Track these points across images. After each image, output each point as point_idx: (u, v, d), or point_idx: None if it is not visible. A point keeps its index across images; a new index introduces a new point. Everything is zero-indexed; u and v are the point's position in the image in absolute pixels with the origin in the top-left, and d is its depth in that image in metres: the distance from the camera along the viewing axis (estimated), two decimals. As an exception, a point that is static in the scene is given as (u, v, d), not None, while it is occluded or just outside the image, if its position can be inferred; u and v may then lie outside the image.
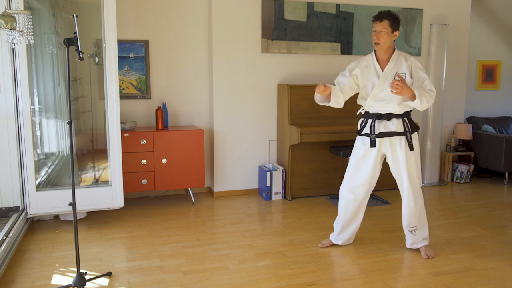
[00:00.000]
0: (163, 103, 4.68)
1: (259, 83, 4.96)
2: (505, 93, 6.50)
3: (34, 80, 4.03)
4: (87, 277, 2.84)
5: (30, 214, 3.74)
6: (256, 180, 5.07)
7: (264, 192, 4.83)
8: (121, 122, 4.35)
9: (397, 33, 3.20)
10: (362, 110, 3.36)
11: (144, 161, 4.39)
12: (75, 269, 2.86)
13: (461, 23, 5.71)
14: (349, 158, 3.41)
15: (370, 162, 3.28)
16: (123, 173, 4.06)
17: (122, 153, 4.02)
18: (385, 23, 3.14)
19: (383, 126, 3.23)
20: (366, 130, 3.28)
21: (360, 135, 3.33)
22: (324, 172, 4.99)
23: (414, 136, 3.25)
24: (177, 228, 3.93)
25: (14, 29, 2.64)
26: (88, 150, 4.52)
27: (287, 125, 4.76)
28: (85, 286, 2.78)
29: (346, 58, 5.19)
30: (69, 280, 2.88)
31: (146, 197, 4.86)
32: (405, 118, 3.22)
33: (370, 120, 3.26)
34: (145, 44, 4.66)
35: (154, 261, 3.23)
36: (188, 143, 4.51)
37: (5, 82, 3.64)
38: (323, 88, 3.17)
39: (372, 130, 3.23)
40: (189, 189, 4.72)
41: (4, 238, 3.21)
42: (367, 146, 3.27)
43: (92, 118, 4.51)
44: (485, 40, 6.29)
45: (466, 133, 5.69)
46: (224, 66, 4.81)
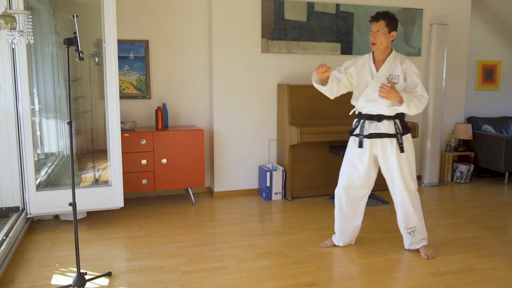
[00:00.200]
0: (163, 103, 4.68)
1: (259, 83, 4.96)
2: (505, 93, 6.50)
3: (34, 80, 4.03)
4: (87, 277, 2.84)
5: (30, 214, 3.75)
6: (256, 180, 5.07)
7: (264, 192, 4.83)
8: (121, 122, 4.35)
9: (394, 34, 3.19)
10: (356, 111, 3.36)
11: (144, 161, 4.39)
12: (75, 269, 2.86)
13: (461, 23, 5.71)
14: (343, 158, 3.40)
15: (364, 163, 3.27)
16: (123, 173, 4.06)
17: (122, 153, 4.02)
18: (382, 23, 3.13)
19: (374, 127, 3.22)
20: (357, 131, 3.28)
21: (352, 136, 3.34)
22: (324, 172, 4.99)
23: (407, 138, 3.23)
24: (177, 228, 3.93)
25: (14, 29, 2.64)
26: (88, 150, 4.52)
27: (287, 125, 4.76)
28: (85, 286, 2.78)
29: (346, 58, 5.14)
30: (69, 280, 2.88)
31: (146, 197, 4.86)
32: (397, 120, 3.19)
33: (362, 121, 3.27)
34: (145, 44, 4.66)
35: (154, 261, 3.23)
36: (188, 143, 4.51)
37: (5, 82, 3.64)
38: (325, 68, 3.11)
39: (361, 131, 3.24)
40: (189, 189, 4.72)
41: (4, 238, 3.21)
42: (358, 147, 3.27)
43: (92, 118, 4.52)
44: (485, 40, 6.29)
45: (466, 133, 5.69)
46: (224, 66, 4.81)
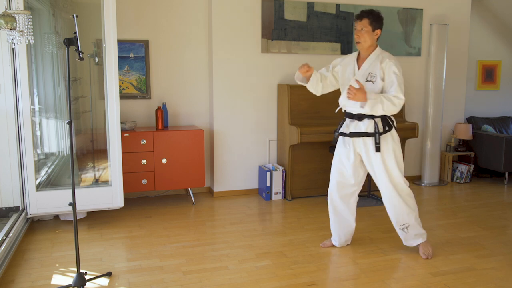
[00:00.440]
0: (163, 103, 4.68)
1: (259, 83, 4.96)
2: (505, 93, 6.50)
3: (34, 80, 4.03)
4: (87, 277, 2.84)
5: (30, 214, 3.74)
6: (256, 180, 5.07)
7: (264, 192, 4.83)
8: (121, 122, 4.35)
9: (379, 32, 3.19)
10: (341, 109, 3.39)
11: (144, 161, 4.39)
12: (75, 269, 2.86)
13: (461, 23, 5.71)
14: (333, 157, 3.42)
15: (350, 161, 3.28)
16: (123, 173, 4.05)
17: (122, 153, 4.02)
18: (365, 22, 3.14)
19: (354, 126, 3.23)
20: (341, 129, 3.32)
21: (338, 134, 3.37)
22: (324, 172, 4.99)
23: (390, 135, 3.19)
24: (177, 228, 3.93)
25: (14, 29, 2.64)
26: (88, 150, 4.52)
27: (287, 125, 4.76)
28: (85, 286, 2.78)
29: (346, 58, 5.18)
30: (69, 280, 2.88)
31: (146, 197, 4.86)
32: (378, 119, 3.17)
33: (344, 119, 3.31)
34: (145, 44, 4.66)
35: (154, 261, 3.23)
36: (188, 143, 4.51)
37: (5, 82, 3.64)
38: (307, 69, 3.23)
39: (339, 129, 3.30)
40: (189, 189, 4.72)
41: (4, 238, 3.21)
42: (346, 146, 3.29)
43: (92, 118, 4.52)
44: (485, 40, 6.29)
45: (466, 133, 5.69)
46: (224, 66, 4.81)
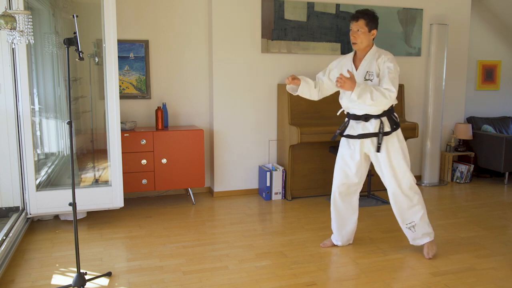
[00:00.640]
0: (163, 103, 4.68)
1: (259, 83, 4.96)
2: (505, 93, 6.50)
3: (34, 80, 4.03)
4: (87, 277, 2.84)
5: (30, 214, 3.74)
6: (256, 180, 5.07)
7: (264, 192, 4.83)
8: (121, 122, 4.35)
9: (375, 32, 3.19)
10: (344, 110, 3.37)
11: (144, 161, 4.39)
12: (75, 269, 2.86)
13: (461, 23, 5.71)
14: (336, 158, 3.41)
15: (355, 160, 3.27)
16: (123, 173, 4.05)
17: (122, 153, 4.02)
18: (361, 23, 3.13)
19: (361, 128, 3.22)
20: (347, 131, 3.30)
21: (342, 136, 3.34)
22: (324, 172, 4.99)
23: (396, 134, 3.19)
24: (177, 228, 3.93)
25: (14, 29, 2.64)
26: (88, 150, 4.52)
27: (287, 125, 4.76)
28: (85, 286, 2.78)
29: (346, 58, 5.18)
30: (69, 280, 2.88)
31: (146, 197, 4.86)
32: (384, 118, 3.17)
33: (350, 121, 3.28)
34: (145, 44, 4.66)
35: (154, 261, 3.23)
36: (188, 143, 4.51)
37: (5, 82, 3.64)
38: (290, 81, 3.24)
39: (350, 131, 3.26)
40: (189, 189, 4.72)
41: (4, 238, 3.21)
42: (351, 147, 3.28)
43: (92, 118, 4.52)
44: (485, 40, 6.29)
45: (466, 133, 5.69)
46: (224, 66, 4.81)
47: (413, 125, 5.02)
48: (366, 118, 3.19)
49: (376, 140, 3.19)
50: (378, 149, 3.17)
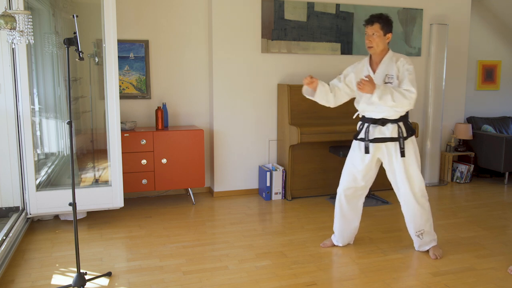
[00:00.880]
0: (163, 103, 4.68)
1: (259, 83, 4.96)
2: (505, 93, 6.50)
3: (34, 80, 4.03)
4: (87, 277, 2.84)
5: (30, 214, 3.74)
6: (256, 180, 5.07)
7: (264, 192, 4.83)
8: (121, 122, 4.35)
9: (390, 36, 3.18)
10: (359, 114, 3.35)
11: (144, 161, 4.39)
12: (75, 269, 2.86)
13: (461, 23, 5.71)
14: (346, 159, 3.40)
15: (365, 164, 3.26)
16: (123, 173, 4.05)
17: (122, 153, 4.02)
18: (376, 26, 3.13)
19: (378, 132, 3.20)
20: (361, 135, 3.26)
21: (356, 140, 3.31)
22: (324, 172, 4.99)
23: (411, 141, 3.21)
24: (177, 228, 3.93)
25: (14, 29, 2.64)
26: (88, 150, 4.52)
27: (287, 125, 4.76)
28: (85, 286, 2.78)
29: (346, 58, 5.19)
30: (69, 280, 2.88)
31: (146, 197, 4.86)
32: (400, 123, 3.18)
33: (366, 125, 3.24)
34: (145, 44, 4.66)
35: (154, 261, 3.23)
36: (188, 143, 4.51)
37: (5, 82, 3.64)
38: (309, 80, 3.18)
39: (367, 136, 3.21)
40: (189, 189, 4.72)
41: (4, 238, 3.21)
42: (362, 151, 3.26)
43: (92, 118, 4.52)
44: (485, 40, 6.29)
45: (466, 133, 5.69)
46: (224, 66, 4.81)
47: (413, 125, 5.02)
48: (383, 123, 3.17)
49: (391, 146, 3.19)
50: (402, 154, 3.15)
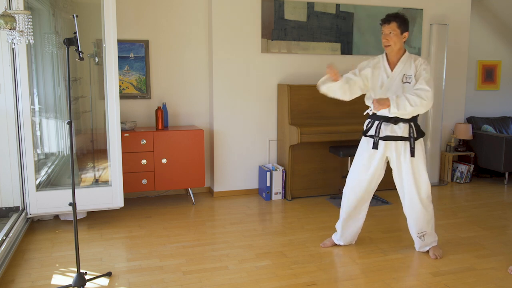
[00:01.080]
0: (163, 103, 4.68)
1: (259, 83, 4.96)
2: (505, 93, 6.50)
3: (34, 80, 4.03)
4: (87, 277, 2.84)
5: (30, 214, 3.74)
6: (256, 180, 5.07)
7: (264, 192, 4.83)
8: (121, 122, 4.35)
9: (407, 35, 3.18)
10: (370, 111, 3.30)
11: (144, 161, 4.39)
12: (75, 269, 2.86)
13: (461, 23, 5.71)
14: (354, 158, 3.39)
15: (374, 164, 3.25)
16: (123, 173, 4.05)
17: (122, 153, 4.02)
18: (393, 25, 3.13)
19: (390, 130, 3.19)
20: (372, 132, 3.24)
21: (366, 136, 3.31)
22: (324, 172, 4.99)
23: (420, 142, 3.22)
24: (177, 228, 3.93)
25: (14, 29, 2.64)
26: (88, 150, 4.52)
27: (287, 125, 4.76)
28: (85, 286, 2.78)
29: (346, 58, 5.19)
30: (69, 280, 2.88)
31: (146, 197, 4.86)
32: (412, 123, 3.18)
33: (377, 122, 3.22)
34: (145, 44, 4.66)
35: (154, 261, 3.23)
36: (188, 143, 4.51)
37: (5, 82, 3.64)
38: (335, 71, 3.06)
39: (377, 133, 3.21)
40: (189, 189, 4.72)
41: (4, 238, 3.21)
42: (371, 147, 3.25)
43: (92, 118, 4.52)
44: (485, 40, 6.29)
45: (466, 133, 5.69)
46: (224, 66, 4.81)
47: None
48: (396, 121, 3.17)
49: (401, 145, 3.19)
50: (412, 154, 3.15)
